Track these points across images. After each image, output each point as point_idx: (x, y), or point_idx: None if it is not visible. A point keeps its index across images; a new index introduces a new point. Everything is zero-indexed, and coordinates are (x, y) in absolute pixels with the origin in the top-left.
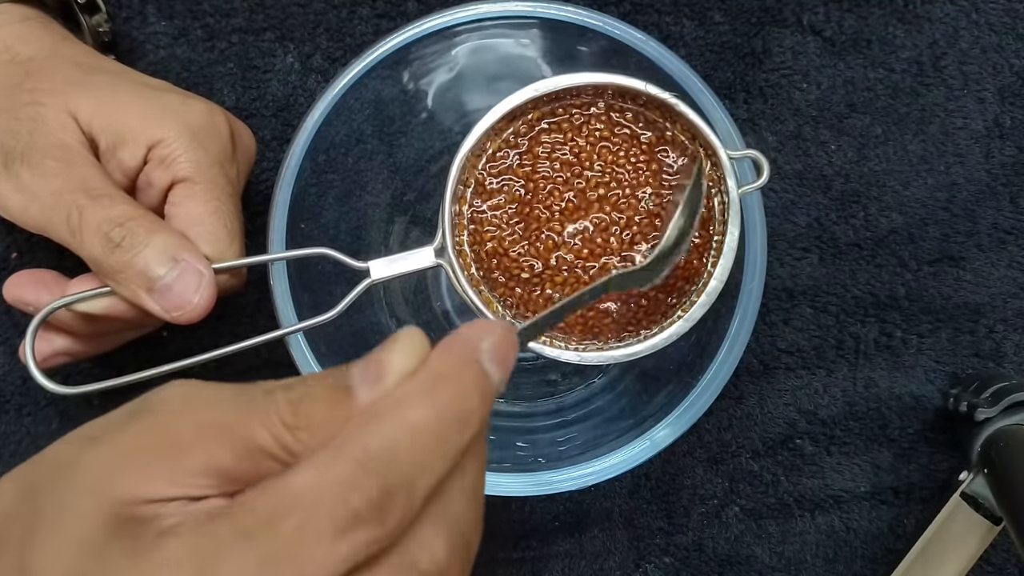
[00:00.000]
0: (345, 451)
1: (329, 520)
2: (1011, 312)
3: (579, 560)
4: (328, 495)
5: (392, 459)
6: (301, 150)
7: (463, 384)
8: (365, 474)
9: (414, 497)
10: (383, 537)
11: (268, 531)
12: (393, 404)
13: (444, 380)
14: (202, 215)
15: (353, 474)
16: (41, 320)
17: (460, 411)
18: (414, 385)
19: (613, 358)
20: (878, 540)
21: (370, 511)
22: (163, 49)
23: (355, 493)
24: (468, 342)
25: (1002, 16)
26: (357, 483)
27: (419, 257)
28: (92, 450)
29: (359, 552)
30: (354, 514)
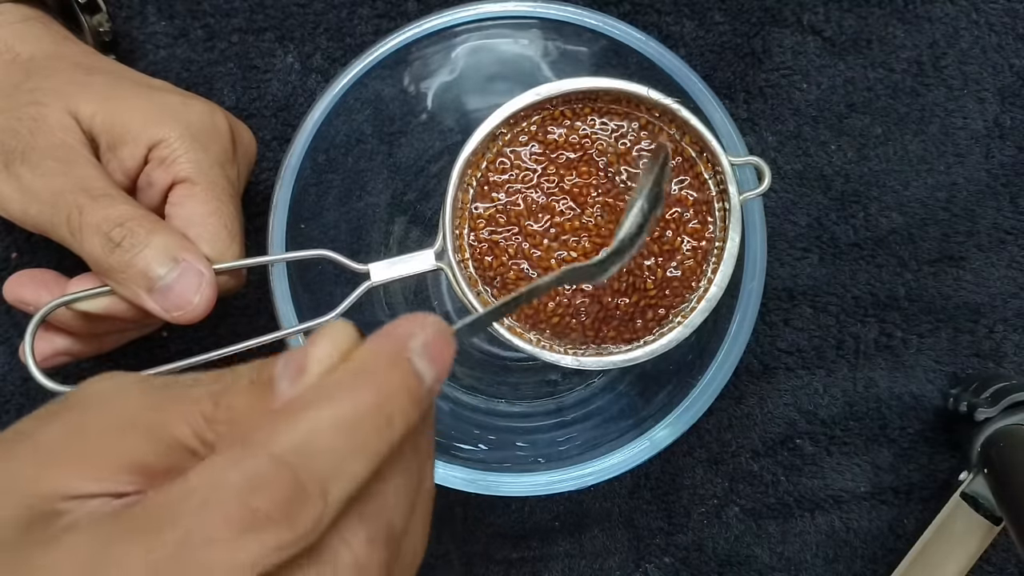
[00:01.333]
0: (251, 448)
1: (224, 522)
2: (1011, 312)
3: (579, 560)
4: (225, 494)
5: (303, 458)
6: (301, 150)
7: (388, 383)
8: (273, 473)
9: (329, 499)
10: (293, 541)
11: (158, 532)
12: (310, 400)
13: (367, 377)
14: (202, 215)
15: (257, 472)
16: (41, 319)
17: (383, 410)
18: (333, 381)
19: (612, 363)
20: (878, 540)
21: (277, 512)
22: (163, 49)
23: (258, 492)
24: (397, 339)
25: (1002, 16)
26: (262, 482)
27: (419, 260)
28: (16, 446)
29: (265, 557)
30: (255, 515)
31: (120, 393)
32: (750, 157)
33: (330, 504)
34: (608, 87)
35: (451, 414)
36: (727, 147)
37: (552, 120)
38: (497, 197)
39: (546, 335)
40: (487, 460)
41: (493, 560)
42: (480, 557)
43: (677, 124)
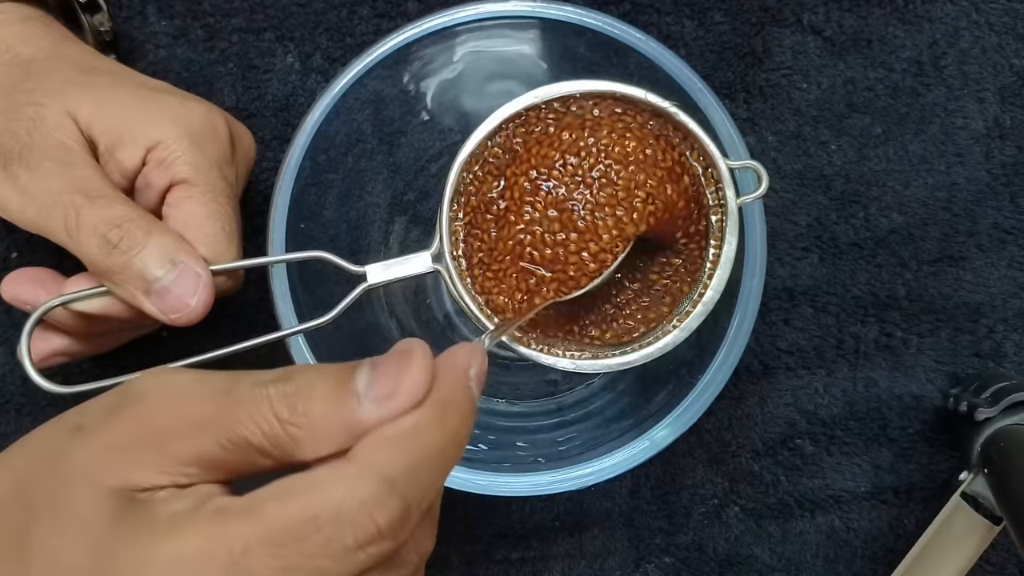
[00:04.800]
0: (372, 470)
1: (354, 535)
2: (1011, 312)
3: (579, 560)
4: (356, 512)
5: (412, 482)
6: (301, 150)
7: (463, 411)
8: (389, 495)
9: (422, 513)
10: (394, 549)
11: (297, 542)
12: (412, 430)
13: (451, 408)
14: (200, 217)
15: (379, 494)
16: (38, 318)
17: (462, 435)
18: (428, 413)
19: (608, 366)
20: (878, 540)
21: (390, 530)
22: (163, 49)
23: (379, 511)
24: (461, 368)
25: (1002, 16)
26: (381, 502)
27: (416, 262)
28: (80, 441)
29: (371, 562)
30: (377, 531)
31: (179, 389)
32: (748, 161)
33: (421, 516)
34: (607, 90)
35: None
36: (727, 148)
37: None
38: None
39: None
40: (487, 460)
41: (493, 560)
42: (480, 557)
43: (675, 127)
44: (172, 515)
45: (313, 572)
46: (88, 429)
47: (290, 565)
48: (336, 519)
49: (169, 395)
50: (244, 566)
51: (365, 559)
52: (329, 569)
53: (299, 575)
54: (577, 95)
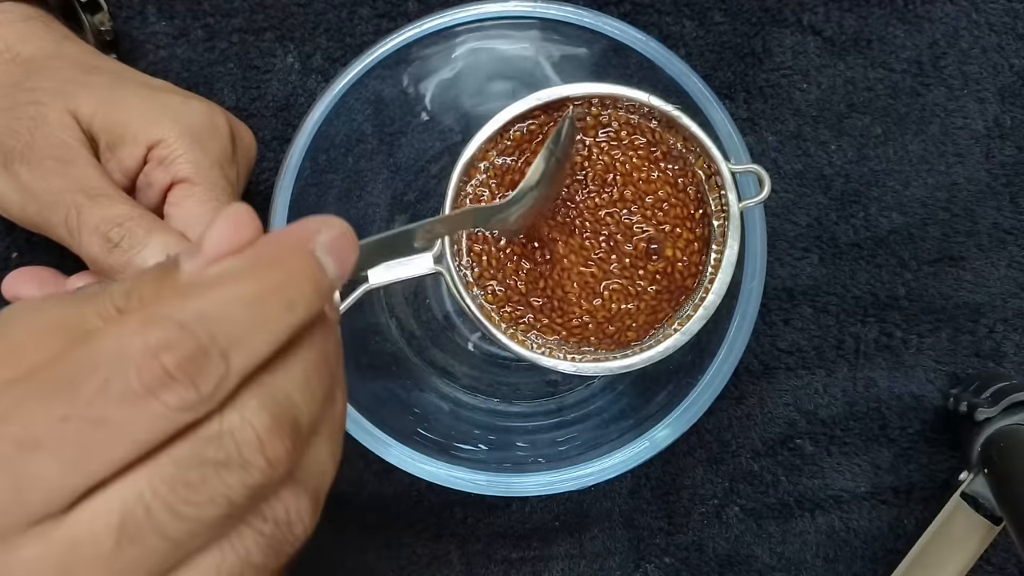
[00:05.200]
0: (157, 314)
1: (136, 375)
2: (1011, 312)
3: (579, 560)
4: (137, 351)
5: (206, 324)
6: (301, 150)
7: (293, 267)
8: (177, 335)
9: (230, 367)
10: (196, 402)
11: (70, 387)
12: (213, 277)
13: (271, 261)
14: (201, 216)
15: (165, 334)
16: None
17: (285, 292)
18: (237, 261)
19: (609, 369)
20: (878, 540)
21: (180, 370)
22: (163, 49)
23: (166, 351)
24: (303, 231)
25: (1002, 16)
26: (168, 342)
27: (417, 264)
28: None
29: (171, 418)
30: (164, 371)
31: (36, 305)
32: (750, 165)
33: (232, 370)
34: (609, 92)
35: (451, 414)
36: (727, 149)
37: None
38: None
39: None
40: (487, 460)
41: (493, 560)
42: (480, 557)
43: (677, 130)
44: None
45: (95, 422)
46: None
47: (68, 414)
48: (113, 359)
49: (25, 311)
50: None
51: (162, 409)
52: (117, 418)
53: (80, 426)
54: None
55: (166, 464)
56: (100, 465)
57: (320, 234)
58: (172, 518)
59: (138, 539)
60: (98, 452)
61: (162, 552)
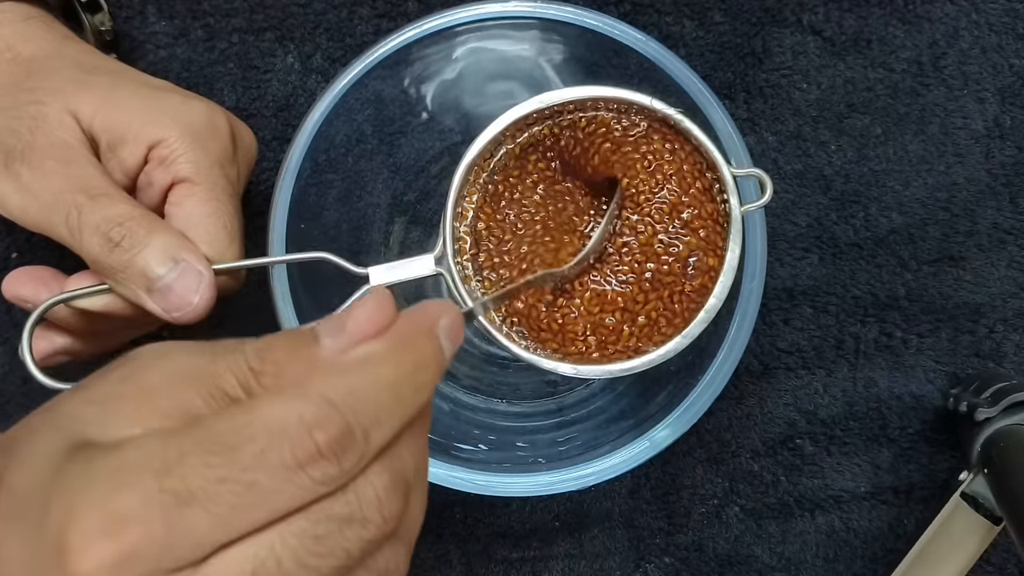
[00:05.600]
0: (311, 391)
1: (291, 450)
2: (1011, 312)
3: (579, 560)
4: (292, 426)
5: (354, 406)
6: (301, 150)
7: (424, 352)
8: (329, 412)
9: (370, 444)
10: (337, 477)
11: (230, 451)
12: (361, 358)
13: (409, 345)
14: (202, 216)
15: (317, 412)
16: (39, 315)
17: (419, 375)
18: (382, 344)
19: (609, 372)
20: (878, 540)
21: (329, 449)
22: (163, 49)
23: (318, 429)
24: (431, 316)
25: (1002, 16)
26: (320, 420)
27: (419, 265)
28: (73, 395)
29: (314, 488)
30: (316, 448)
31: (170, 350)
32: (752, 169)
33: (370, 448)
34: (611, 95)
35: (451, 414)
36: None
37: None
38: (498, 203)
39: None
40: (487, 460)
41: (493, 560)
42: (480, 557)
43: (679, 133)
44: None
45: (248, 486)
46: (83, 386)
47: (224, 476)
48: (271, 431)
49: (159, 356)
50: (178, 474)
51: (308, 483)
52: (266, 485)
53: (234, 488)
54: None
55: (298, 518)
56: (243, 523)
57: (443, 319)
58: (298, 569)
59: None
60: (245, 512)
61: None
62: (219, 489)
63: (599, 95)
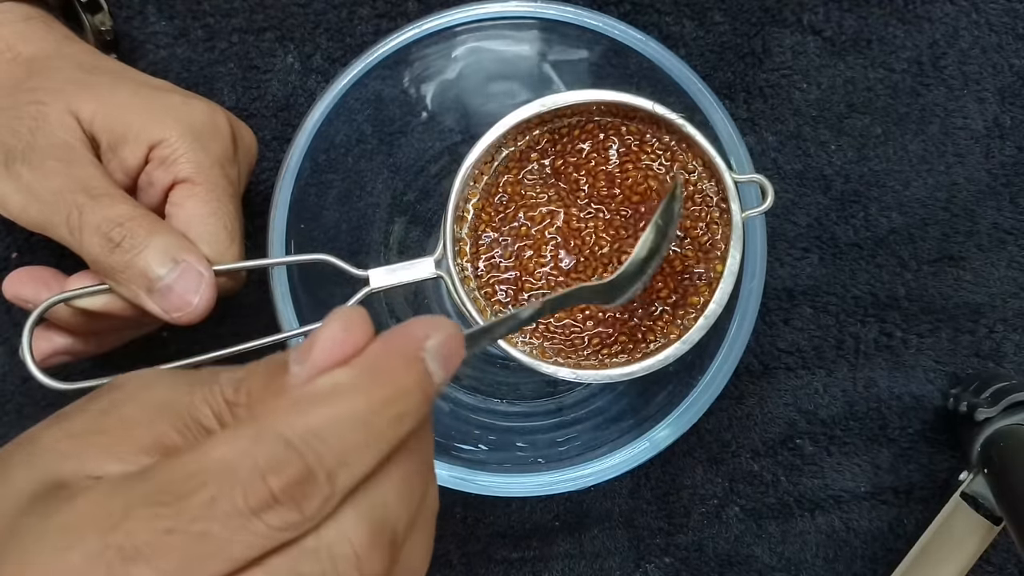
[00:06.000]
0: (268, 428)
1: (243, 497)
2: (1011, 312)
3: (579, 560)
4: (245, 471)
5: (316, 446)
6: (301, 150)
7: (402, 382)
8: (286, 455)
9: (335, 487)
10: (299, 523)
11: (178, 500)
12: (326, 390)
13: (382, 375)
14: (202, 216)
15: (274, 453)
16: (40, 314)
17: (395, 407)
18: (349, 373)
19: (609, 376)
20: (878, 540)
21: (286, 494)
22: (163, 49)
23: (273, 473)
24: (413, 338)
25: (1002, 16)
26: (277, 463)
27: (419, 268)
28: (51, 427)
29: (272, 536)
30: (270, 494)
31: (150, 381)
32: (754, 175)
33: (337, 491)
34: (613, 100)
35: (451, 414)
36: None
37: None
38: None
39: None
40: (487, 460)
41: (493, 560)
42: (480, 557)
43: (681, 138)
44: (75, 492)
45: (199, 537)
46: (63, 415)
47: (173, 527)
48: (222, 477)
49: (139, 386)
50: (124, 529)
51: (265, 530)
52: (219, 535)
53: (184, 540)
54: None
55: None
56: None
57: (430, 339)
58: None
59: None
60: (196, 566)
61: None
62: (167, 541)
63: (600, 99)
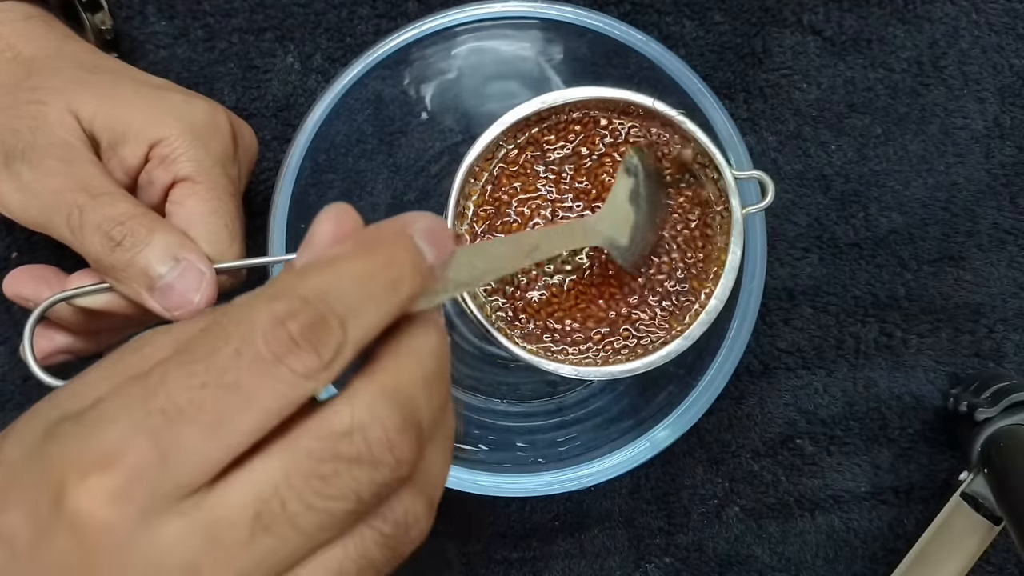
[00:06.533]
0: (278, 290)
1: (265, 343)
2: (1011, 312)
3: (579, 560)
4: (264, 321)
5: (324, 298)
6: (301, 150)
7: (393, 251)
8: (300, 306)
9: (347, 335)
10: (318, 368)
11: (208, 357)
12: (326, 259)
13: (377, 242)
14: (203, 215)
15: (288, 306)
16: (40, 313)
17: (390, 270)
18: (347, 245)
19: (610, 373)
20: (878, 540)
21: (304, 337)
22: (164, 49)
23: (290, 319)
24: (400, 220)
25: (1002, 16)
26: (292, 312)
27: None
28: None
29: (296, 383)
30: (289, 337)
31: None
32: (754, 172)
33: (349, 339)
34: (613, 97)
35: None
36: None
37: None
38: (499, 204)
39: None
40: (487, 460)
41: (493, 560)
42: (480, 557)
43: (681, 135)
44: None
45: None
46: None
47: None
48: (243, 330)
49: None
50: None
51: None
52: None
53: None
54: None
55: (302, 458)
56: (237, 434)
57: (417, 223)
58: (304, 510)
59: (271, 528)
60: (234, 418)
61: (292, 544)
62: (203, 396)
63: (600, 96)
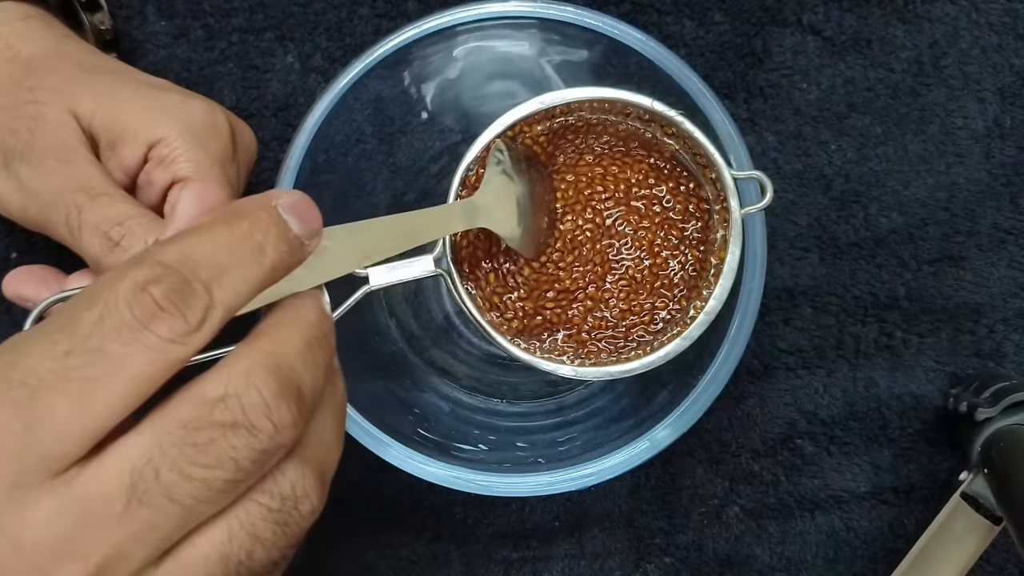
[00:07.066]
0: (141, 258)
1: (128, 309)
2: (1011, 312)
3: (579, 560)
4: (126, 287)
5: (187, 263)
6: (301, 150)
7: (257, 218)
8: (163, 271)
9: (213, 298)
10: (185, 332)
11: (69, 324)
12: (189, 229)
13: (239, 214)
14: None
15: (150, 272)
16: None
17: (254, 237)
18: (211, 217)
19: (610, 374)
20: (878, 540)
21: (168, 300)
22: (163, 49)
23: (153, 284)
24: (264, 195)
25: (1002, 16)
26: (155, 277)
27: (419, 265)
28: None
29: (163, 348)
30: (153, 302)
31: None
32: (753, 171)
33: (215, 302)
34: (612, 97)
35: (451, 414)
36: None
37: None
38: None
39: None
40: (487, 460)
41: (493, 560)
42: (480, 557)
43: (680, 136)
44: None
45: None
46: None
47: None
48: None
49: None
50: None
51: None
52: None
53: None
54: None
55: (175, 427)
56: (106, 404)
57: (281, 197)
58: (180, 479)
59: (147, 500)
60: (101, 386)
61: (170, 517)
62: (67, 364)
63: (600, 96)
